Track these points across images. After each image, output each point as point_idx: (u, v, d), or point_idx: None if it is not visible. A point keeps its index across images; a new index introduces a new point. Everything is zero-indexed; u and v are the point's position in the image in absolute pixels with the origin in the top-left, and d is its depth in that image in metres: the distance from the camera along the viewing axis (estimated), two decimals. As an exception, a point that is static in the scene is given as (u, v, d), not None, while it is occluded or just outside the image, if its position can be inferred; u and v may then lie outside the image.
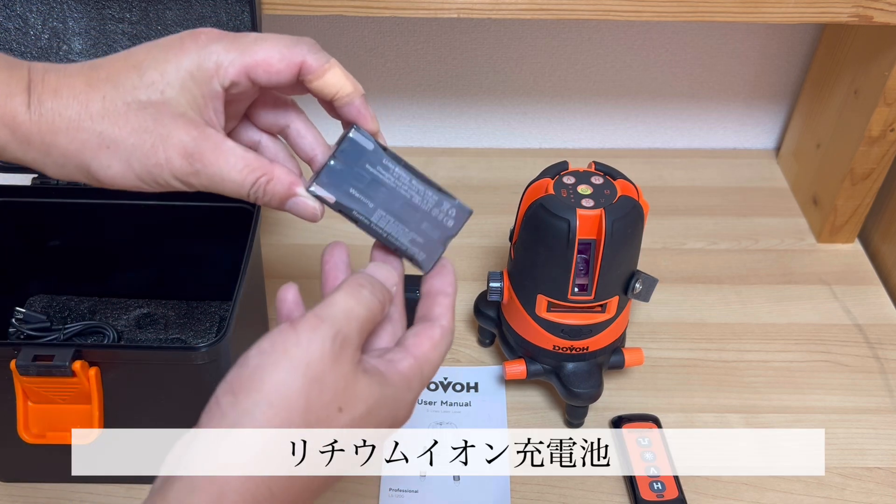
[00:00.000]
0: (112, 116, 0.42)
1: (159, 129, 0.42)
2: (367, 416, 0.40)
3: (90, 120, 0.42)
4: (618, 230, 0.61)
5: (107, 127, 0.42)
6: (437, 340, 0.44)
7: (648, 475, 0.67)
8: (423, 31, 0.94)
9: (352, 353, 0.40)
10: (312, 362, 0.38)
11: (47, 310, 0.78)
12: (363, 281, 0.42)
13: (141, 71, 0.42)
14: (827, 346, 0.80)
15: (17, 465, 0.66)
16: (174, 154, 0.42)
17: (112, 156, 0.43)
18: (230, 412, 0.37)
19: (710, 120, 1.03)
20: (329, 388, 0.38)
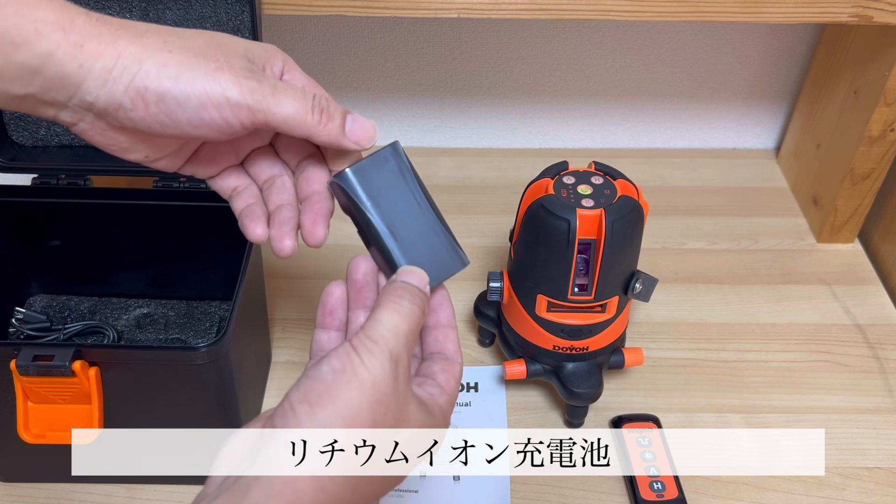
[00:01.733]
0: (181, 34, 0.42)
1: (225, 51, 0.43)
2: (417, 439, 0.44)
3: (158, 33, 0.42)
4: (618, 230, 0.61)
5: (173, 38, 0.42)
6: (458, 378, 0.48)
7: (648, 475, 0.67)
8: (423, 31, 0.94)
9: (404, 371, 0.43)
10: (378, 383, 0.41)
11: (47, 310, 0.78)
12: (402, 292, 0.44)
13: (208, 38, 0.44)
14: (827, 346, 0.80)
15: (17, 465, 0.66)
16: (238, 64, 0.43)
17: (172, 58, 0.42)
18: (307, 421, 0.40)
19: (710, 120, 1.03)
20: (391, 410, 0.41)
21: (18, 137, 0.74)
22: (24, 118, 0.73)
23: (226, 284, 0.68)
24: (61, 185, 0.73)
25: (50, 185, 0.73)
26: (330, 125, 0.45)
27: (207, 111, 0.42)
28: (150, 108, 0.41)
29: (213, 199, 0.72)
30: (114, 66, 0.41)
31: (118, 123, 0.43)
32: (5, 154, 0.74)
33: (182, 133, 0.43)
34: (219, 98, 0.42)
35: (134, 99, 0.41)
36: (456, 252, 0.48)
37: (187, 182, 0.72)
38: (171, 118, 0.42)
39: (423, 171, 1.02)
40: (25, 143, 0.75)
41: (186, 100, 0.41)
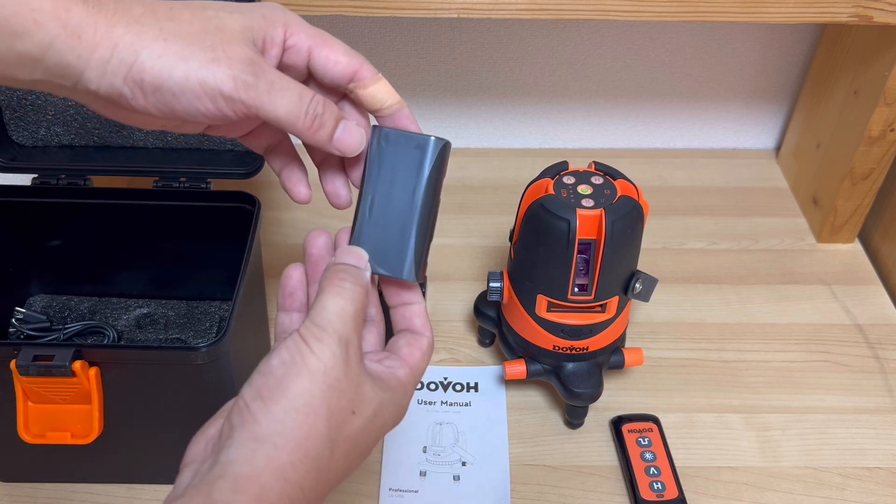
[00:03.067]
0: (178, 17, 0.42)
1: (223, 38, 0.42)
2: (374, 418, 0.44)
3: (154, 18, 0.41)
4: (618, 230, 0.61)
5: (170, 23, 0.41)
6: (425, 351, 0.48)
7: (648, 475, 0.67)
8: (423, 31, 0.94)
9: (355, 352, 0.43)
10: (329, 370, 0.41)
11: (47, 310, 0.78)
12: (342, 275, 0.45)
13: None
14: (827, 346, 0.80)
15: (17, 465, 0.66)
16: (237, 55, 0.42)
17: (167, 48, 0.41)
18: (263, 419, 0.40)
19: (710, 120, 1.03)
20: (344, 394, 0.42)
21: (18, 137, 0.74)
22: (25, 118, 0.73)
23: (226, 284, 0.68)
24: (61, 185, 0.73)
25: (50, 185, 0.73)
26: (320, 132, 0.45)
27: (202, 102, 0.42)
28: (147, 97, 0.42)
29: (213, 199, 0.72)
30: (111, 58, 0.40)
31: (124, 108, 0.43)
32: (5, 154, 0.74)
33: (182, 119, 0.43)
34: (213, 91, 0.42)
35: (133, 89, 0.41)
36: (405, 261, 0.47)
37: (187, 182, 0.72)
38: (168, 107, 0.42)
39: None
40: (25, 143, 0.75)
41: (182, 91, 0.41)
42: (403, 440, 0.70)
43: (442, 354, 0.78)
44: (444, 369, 0.76)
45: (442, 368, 0.76)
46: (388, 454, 0.69)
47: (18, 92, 0.72)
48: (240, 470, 0.39)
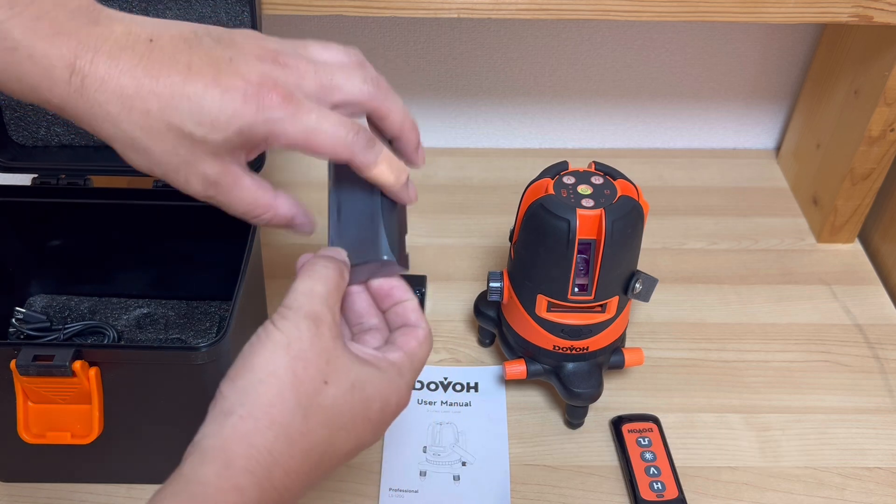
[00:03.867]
0: (150, 132, 0.42)
1: (189, 157, 0.43)
2: (353, 390, 0.44)
3: (128, 124, 0.42)
4: (618, 230, 0.61)
5: (142, 137, 0.43)
6: (422, 340, 0.48)
7: (648, 475, 0.67)
8: (423, 31, 0.94)
9: (328, 327, 0.44)
10: (293, 341, 0.42)
11: (47, 310, 0.78)
12: (314, 260, 0.47)
13: (196, 103, 0.42)
14: (827, 346, 0.80)
15: (17, 465, 0.66)
16: (195, 180, 0.44)
17: (139, 156, 0.44)
18: (230, 394, 0.42)
19: (710, 120, 1.03)
20: (312, 363, 0.42)
21: (18, 137, 0.74)
22: (25, 118, 0.73)
23: (226, 284, 0.68)
24: (61, 185, 0.73)
25: (50, 185, 0.73)
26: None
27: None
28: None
29: (213, 199, 0.72)
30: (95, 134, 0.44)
31: None
32: (5, 154, 0.74)
33: None
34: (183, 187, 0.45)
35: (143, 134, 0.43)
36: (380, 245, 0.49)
37: (187, 182, 0.72)
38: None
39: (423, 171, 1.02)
40: (25, 143, 0.75)
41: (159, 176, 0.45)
42: (403, 440, 0.70)
43: (442, 354, 0.78)
44: (444, 369, 0.76)
45: (442, 368, 0.76)
46: (388, 454, 0.69)
47: (18, 92, 0.72)
48: (207, 443, 0.41)
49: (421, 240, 0.90)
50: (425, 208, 0.94)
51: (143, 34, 0.42)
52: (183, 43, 0.43)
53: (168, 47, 0.42)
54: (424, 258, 0.88)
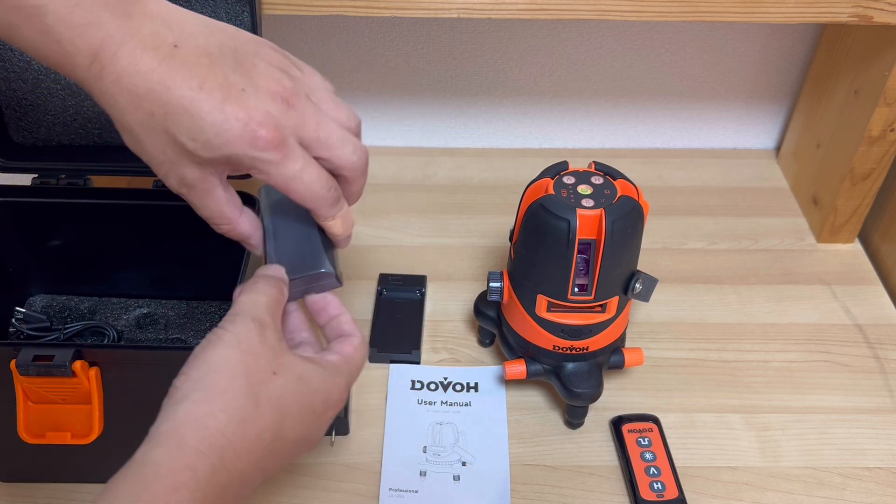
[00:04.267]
0: (148, 130, 0.45)
1: (175, 158, 0.47)
2: (300, 383, 0.47)
3: (131, 117, 0.45)
4: (618, 230, 0.61)
5: (139, 131, 0.46)
6: (357, 346, 0.52)
7: (648, 475, 0.67)
8: (423, 31, 0.94)
9: (272, 332, 0.47)
10: (242, 339, 0.45)
11: (47, 310, 0.78)
12: (255, 278, 0.51)
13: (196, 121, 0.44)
14: (827, 346, 0.80)
15: (17, 465, 0.66)
16: (173, 178, 0.48)
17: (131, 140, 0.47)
18: (182, 385, 0.44)
19: (710, 120, 1.03)
20: (262, 357, 0.46)
21: (18, 137, 0.74)
22: (25, 118, 0.73)
23: (226, 284, 0.67)
24: (61, 185, 0.73)
25: (50, 185, 0.73)
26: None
27: None
28: None
29: (213, 199, 0.72)
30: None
31: None
32: (5, 154, 0.74)
33: None
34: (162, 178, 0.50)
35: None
36: (319, 258, 0.53)
37: (187, 182, 0.72)
38: None
39: (423, 171, 1.02)
40: (25, 143, 0.75)
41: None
42: (403, 440, 0.70)
43: (442, 354, 0.78)
44: (444, 369, 0.76)
45: (442, 368, 0.76)
46: (388, 454, 0.69)
47: (18, 92, 0.72)
48: (160, 428, 0.43)
49: (421, 240, 0.90)
50: (425, 208, 0.94)
51: (170, 38, 0.44)
52: (205, 58, 0.45)
53: (189, 59, 0.44)
54: (424, 258, 0.88)
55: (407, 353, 0.77)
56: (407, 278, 0.84)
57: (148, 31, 0.44)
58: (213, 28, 0.47)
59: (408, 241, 0.90)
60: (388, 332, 0.78)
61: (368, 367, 0.77)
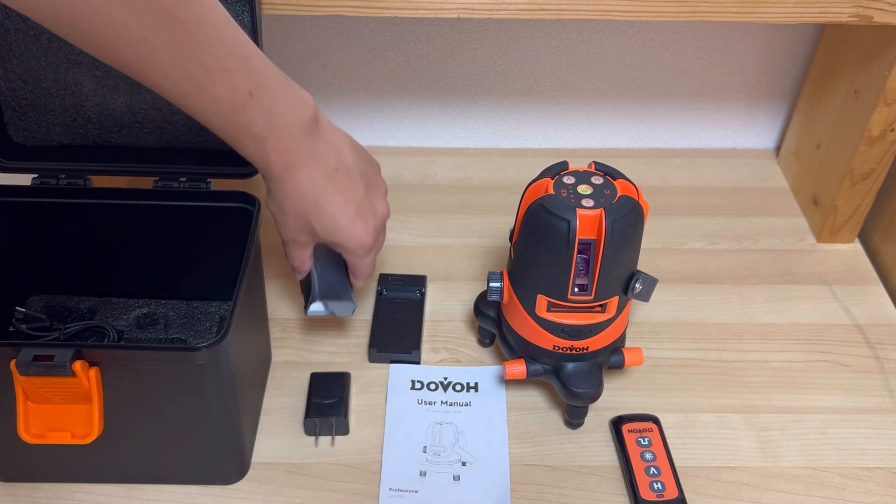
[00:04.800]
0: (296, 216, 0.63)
1: (301, 232, 0.65)
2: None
3: (288, 207, 0.63)
4: (618, 230, 0.61)
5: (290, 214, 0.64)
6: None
7: (648, 475, 0.67)
8: (423, 31, 0.94)
9: None
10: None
11: (47, 310, 0.78)
12: None
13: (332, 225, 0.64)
14: (827, 346, 0.80)
15: (17, 465, 0.66)
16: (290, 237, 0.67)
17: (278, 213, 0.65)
18: None
19: (710, 120, 1.03)
20: None
21: (18, 137, 0.74)
22: (25, 118, 0.73)
23: (226, 284, 0.68)
24: (61, 185, 0.73)
25: (50, 185, 0.73)
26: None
27: None
28: None
29: (213, 199, 0.72)
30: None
31: None
32: (5, 154, 0.74)
33: None
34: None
35: None
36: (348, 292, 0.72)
37: (187, 182, 0.72)
38: None
39: (423, 171, 1.02)
40: (25, 143, 0.75)
41: None
42: (403, 440, 0.70)
43: (442, 354, 0.78)
44: (444, 369, 0.76)
45: (442, 368, 0.76)
46: (388, 454, 0.69)
47: (18, 92, 0.72)
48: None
49: (421, 240, 0.90)
50: (425, 208, 0.94)
51: (333, 162, 0.61)
52: (349, 180, 0.63)
53: (342, 181, 0.62)
54: (424, 258, 0.88)
55: (407, 353, 0.77)
56: (407, 278, 0.84)
57: (322, 154, 0.60)
58: (356, 153, 0.64)
59: (408, 241, 0.90)
60: (388, 332, 0.78)
61: (368, 367, 0.77)
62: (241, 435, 0.65)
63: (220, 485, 0.66)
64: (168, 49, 0.51)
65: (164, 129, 0.74)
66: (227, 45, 0.54)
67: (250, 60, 0.55)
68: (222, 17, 0.54)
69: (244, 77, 0.55)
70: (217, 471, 0.66)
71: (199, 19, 0.52)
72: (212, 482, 0.66)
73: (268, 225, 0.91)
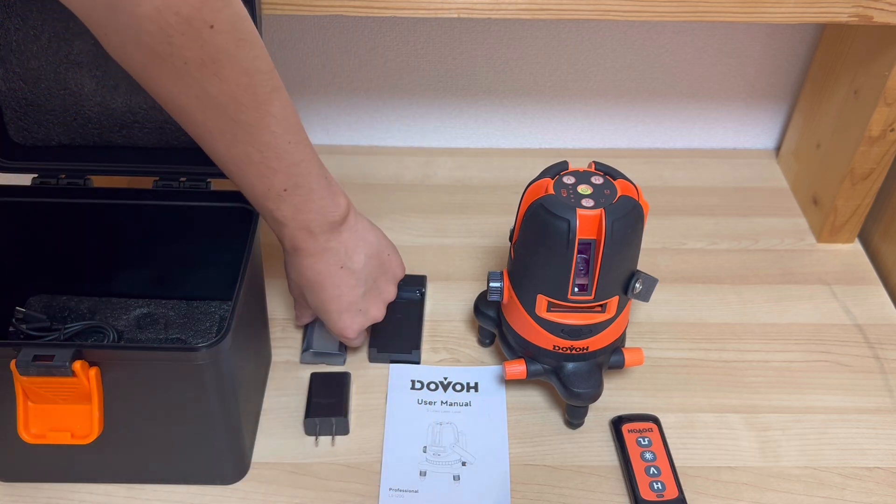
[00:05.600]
0: (298, 285, 0.70)
1: (301, 299, 0.72)
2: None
3: (296, 280, 0.69)
4: (618, 230, 0.61)
5: (294, 283, 0.70)
6: None
7: (648, 475, 0.67)
8: (423, 31, 0.94)
9: None
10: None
11: (47, 310, 0.78)
12: None
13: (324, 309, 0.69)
14: (827, 346, 0.80)
15: (17, 465, 0.66)
16: (295, 297, 0.73)
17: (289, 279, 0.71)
18: None
19: (710, 120, 1.03)
20: None
21: (18, 137, 0.74)
22: (25, 118, 0.73)
23: (226, 284, 0.68)
24: (61, 185, 0.73)
25: (50, 185, 0.73)
26: None
27: None
28: None
29: (213, 199, 0.72)
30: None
31: None
32: (5, 154, 0.74)
33: None
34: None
35: None
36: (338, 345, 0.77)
37: (187, 182, 0.72)
38: None
39: (423, 171, 1.02)
40: (25, 143, 0.75)
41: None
42: (403, 440, 0.70)
43: (442, 354, 0.78)
44: (444, 369, 0.76)
45: (442, 368, 0.76)
46: (388, 454, 0.69)
47: (18, 92, 0.72)
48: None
49: (421, 240, 0.90)
50: (425, 208, 0.94)
51: (341, 260, 0.66)
52: (350, 279, 0.68)
53: (343, 279, 0.67)
54: (424, 258, 0.88)
55: (407, 353, 0.77)
56: (407, 278, 0.83)
57: (332, 251, 0.66)
58: (371, 259, 0.69)
59: (408, 241, 0.90)
60: (388, 332, 0.78)
61: (368, 367, 0.77)
62: (241, 435, 0.65)
63: (220, 485, 0.66)
64: (223, 139, 0.56)
65: (164, 129, 0.74)
66: (279, 152, 0.58)
67: (297, 166, 0.60)
68: (286, 126, 0.57)
69: (284, 177, 0.59)
70: (217, 471, 0.66)
71: (262, 128, 0.56)
72: (212, 482, 0.66)
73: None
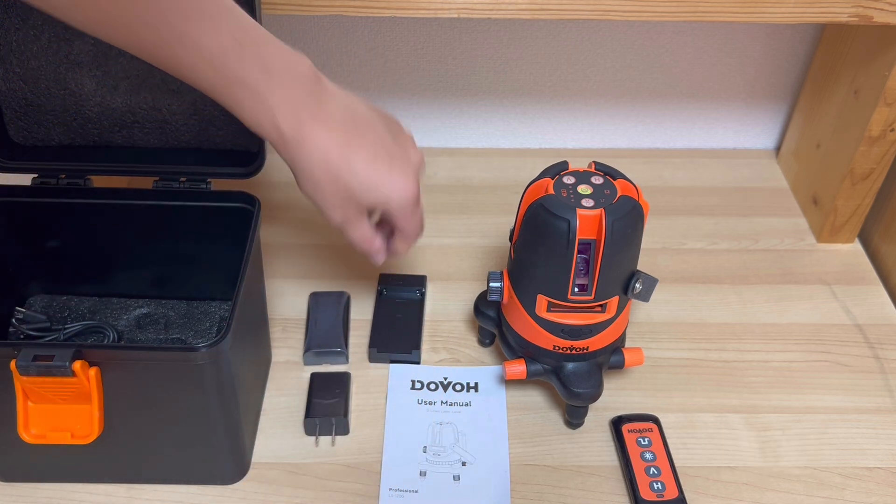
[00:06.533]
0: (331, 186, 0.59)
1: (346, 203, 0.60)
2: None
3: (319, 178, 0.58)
4: (618, 230, 0.61)
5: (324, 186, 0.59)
6: None
7: (648, 475, 0.67)
8: (423, 31, 0.94)
9: None
10: None
11: (47, 310, 0.78)
12: None
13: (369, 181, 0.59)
14: (827, 346, 0.80)
15: (17, 465, 0.66)
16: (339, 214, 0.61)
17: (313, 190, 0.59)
18: None
19: (710, 120, 1.04)
20: None
21: (18, 137, 0.74)
22: (25, 118, 0.73)
23: (226, 284, 0.68)
24: (61, 185, 0.73)
25: (50, 185, 0.73)
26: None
27: None
28: None
29: (213, 199, 0.72)
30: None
31: None
32: (5, 154, 0.74)
33: None
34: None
35: None
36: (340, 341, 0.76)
37: (187, 182, 0.72)
38: None
39: (423, 171, 1.01)
40: (25, 143, 0.75)
41: None
42: (403, 440, 0.70)
43: (442, 354, 0.78)
44: (444, 369, 0.76)
45: (442, 368, 0.76)
46: (388, 454, 0.69)
47: (18, 92, 0.72)
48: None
49: (421, 240, 0.90)
50: (425, 208, 0.94)
51: (348, 115, 0.58)
52: (370, 130, 0.59)
53: (364, 133, 0.58)
54: (424, 258, 0.88)
55: (407, 353, 0.77)
56: (407, 278, 0.84)
57: (332, 109, 0.57)
58: (370, 107, 0.61)
59: (408, 241, 0.90)
60: (388, 332, 0.78)
61: (368, 367, 0.77)
62: (241, 435, 0.65)
63: (220, 485, 0.67)
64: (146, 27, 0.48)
65: (164, 129, 0.74)
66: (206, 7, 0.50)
67: (233, 11, 0.52)
68: None
69: (230, 24, 0.51)
70: (217, 471, 0.66)
71: None
72: (212, 482, 0.66)
73: (268, 225, 0.91)
